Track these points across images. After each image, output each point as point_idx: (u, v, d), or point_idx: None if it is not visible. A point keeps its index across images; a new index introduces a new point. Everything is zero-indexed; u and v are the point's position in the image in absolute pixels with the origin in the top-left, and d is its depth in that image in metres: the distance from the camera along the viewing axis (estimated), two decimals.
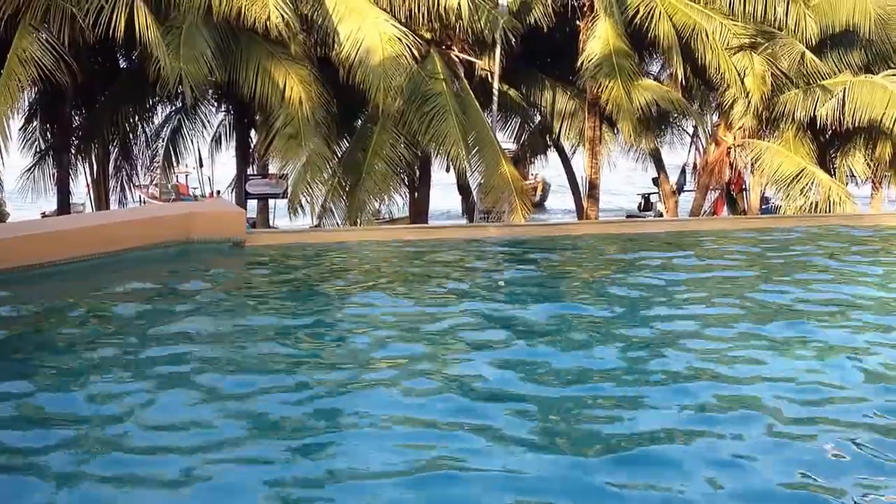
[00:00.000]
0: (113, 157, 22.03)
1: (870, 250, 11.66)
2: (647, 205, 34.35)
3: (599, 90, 20.49)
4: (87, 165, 21.70)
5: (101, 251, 9.00)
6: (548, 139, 24.45)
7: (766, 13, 20.65)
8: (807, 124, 21.91)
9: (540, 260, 10.79)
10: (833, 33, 21.95)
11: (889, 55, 22.71)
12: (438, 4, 18.24)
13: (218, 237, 10.07)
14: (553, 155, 25.86)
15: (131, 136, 21.99)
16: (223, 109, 22.71)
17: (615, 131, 22.71)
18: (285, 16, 16.83)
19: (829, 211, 20.05)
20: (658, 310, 7.89)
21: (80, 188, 23.40)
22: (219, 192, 33.09)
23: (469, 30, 19.30)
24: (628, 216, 31.05)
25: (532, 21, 20.27)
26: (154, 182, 35.33)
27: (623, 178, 34.24)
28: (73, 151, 20.50)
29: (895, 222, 14.73)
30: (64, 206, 20.13)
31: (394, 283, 9.13)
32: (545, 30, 20.40)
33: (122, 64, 20.70)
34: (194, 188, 37.94)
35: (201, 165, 30.07)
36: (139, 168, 23.19)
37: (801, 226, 13.66)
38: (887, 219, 16.50)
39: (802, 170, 21.13)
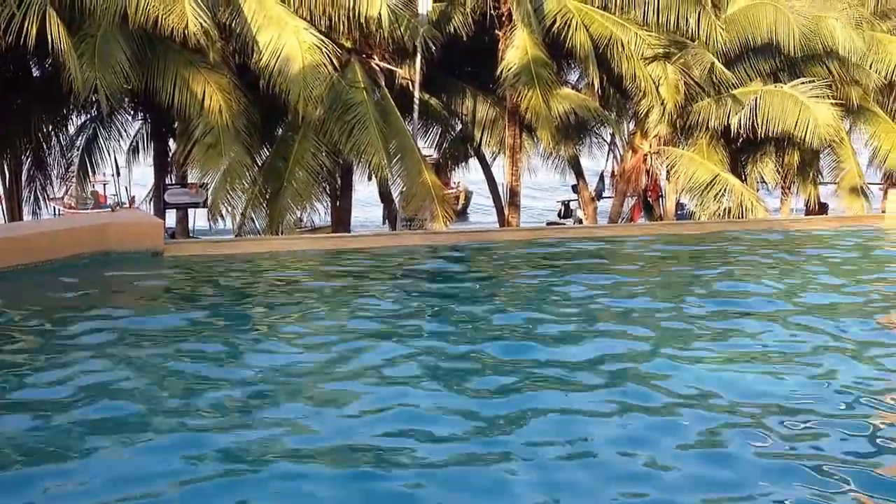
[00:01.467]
0: (26, 167, 21.43)
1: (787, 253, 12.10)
2: (566, 212, 34.83)
3: (519, 99, 20.77)
4: None
5: (15, 263, 8.81)
6: (469, 147, 24.65)
7: (678, 24, 21.22)
8: (720, 132, 22.57)
9: (461, 267, 10.92)
10: (746, 43, 22.55)
11: (798, 65, 23.54)
12: (358, 13, 18.25)
13: (135, 248, 9.96)
14: (475, 163, 26.09)
15: (45, 145, 21.41)
16: (140, 118, 22.29)
17: (535, 139, 23.04)
18: (203, 24, 16.64)
19: (742, 216, 20.69)
20: (578, 313, 8.07)
21: None
22: (133, 200, 32.42)
23: (389, 39, 19.37)
24: (549, 223, 31.49)
25: (452, 30, 20.46)
26: (69, 192, 34.46)
27: (544, 186, 34.68)
28: None
29: (804, 227, 15.29)
30: None
31: (313, 291, 9.14)
32: (465, 39, 20.60)
33: (35, 72, 20.16)
34: (112, 196, 37.13)
35: (118, 175, 29.47)
36: (54, 178, 22.60)
37: (715, 230, 14.10)
38: (799, 224, 17.14)
39: (716, 176, 21.74)
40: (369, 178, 21.54)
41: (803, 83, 21.67)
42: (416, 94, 19.86)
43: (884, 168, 25.32)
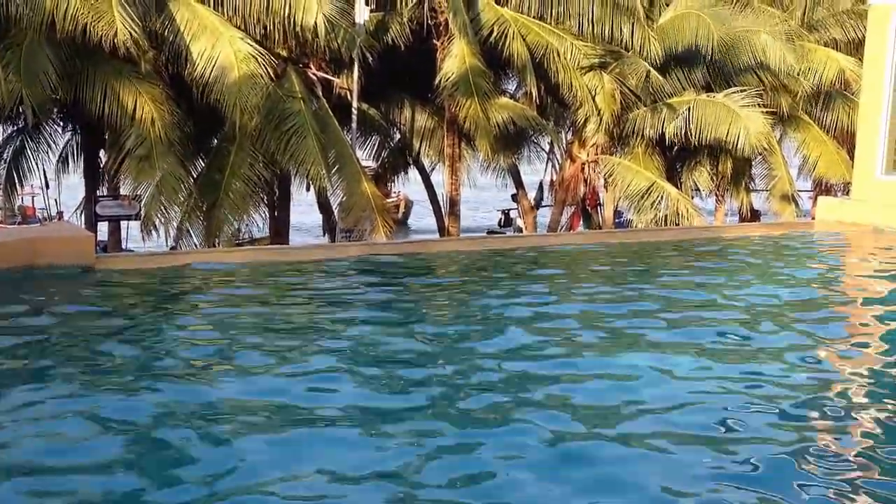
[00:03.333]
0: None
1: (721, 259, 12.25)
2: (507, 220, 35.01)
3: (457, 108, 20.80)
4: None
5: None
6: (408, 157, 24.60)
7: (612, 35, 21.47)
8: (655, 141, 22.88)
9: (400, 278, 10.81)
10: (677, 53, 23.00)
11: (730, 75, 24.01)
12: (294, 23, 18.09)
13: (65, 262, 9.61)
14: (414, 172, 26.03)
15: None
16: (70, 129, 21.73)
17: (474, 149, 23.07)
18: (133, 33, 16.31)
19: (678, 223, 20.98)
20: (518, 325, 8.02)
21: None
22: (61, 213, 31.59)
23: (326, 48, 19.25)
24: (489, 232, 31.57)
25: (389, 40, 20.41)
26: None
27: (483, 195, 34.81)
28: None
29: (737, 233, 15.52)
30: None
31: (250, 305, 8.94)
32: (403, 48, 20.56)
33: None
34: (41, 209, 36.12)
35: (47, 187, 28.66)
36: None
37: (651, 238, 14.23)
38: (732, 230, 17.43)
39: (652, 184, 22.03)
40: (308, 189, 21.33)
41: (735, 92, 22.09)
42: (355, 103, 19.76)
43: (813, 175, 25.93)
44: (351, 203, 19.30)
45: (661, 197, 21.84)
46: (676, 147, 23.52)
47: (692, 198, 23.82)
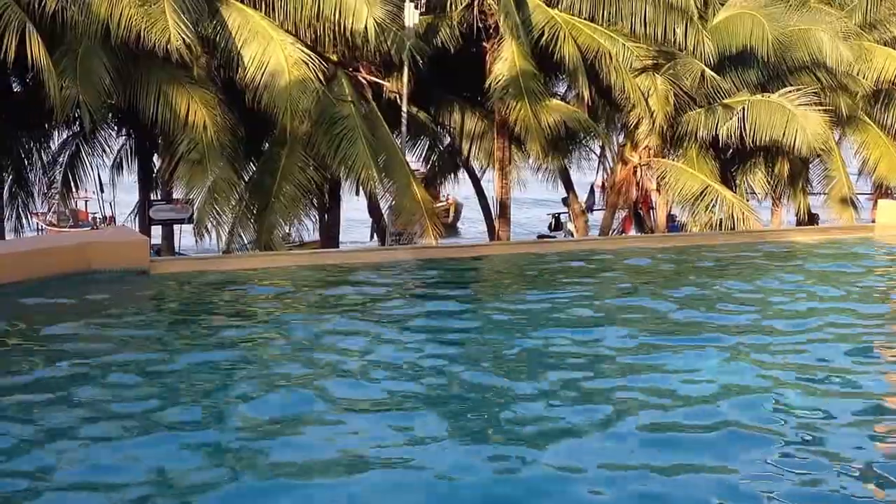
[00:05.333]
0: (7, 184, 21.10)
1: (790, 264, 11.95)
2: (557, 224, 34.73)
3: (507, 111, 20.61)
4: None
5: None
6: (458, 160, 24.48)
7: (666, 35, 21.12)
8: (709, 142, 22.47)
9: (452, 282, 10.70)
10: (731, 53, 22.58)
11: (785, 74, 23.53)
12: (344, 27, 18.07)
13: (120, 266, 9.66)
14: (464, 176, 25.91)
15: (27, 161, 21.11)
16: (124, 134, 22.02)
17: (524, 151, 22.87)
18: (186, 38, 16.43)
19: (734, 227, 20.56)
20: (572, 329, 7.87)
21: None
22: (113, 217, 32.01)
23: (376, 52, 19.20)
24: (539, 236, 31.33)
25: (439, 43, 20.30)
26: (52, 209, 34.05)
27: (534, 199, 34.63)
28: None
29: (802, 237, 15.12)
30: None
31: (302, 309, 8.90)
32: (453, 51, 20.45)
33: (16, 87, 19.88)
34: (94, 213, 36.77)
35: (102, 191, 29.11)
36: (36, 195, 22.27)
37: (705, 242, 13.94)
38: (795, 234, 17.00)
39: (707, 187, 21.63)
40: (357, 193, 21.34)
41: (791, 92, 21.61)
42: (404, 107, 19.69)
43: (873, 178, 25.28)
44: (401, 206, 19.25)
45: (716, 200, 21.45)
46: (731, 149, 23.09)
47: (747, 201, 23.33)
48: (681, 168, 22.17)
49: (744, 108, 21.49)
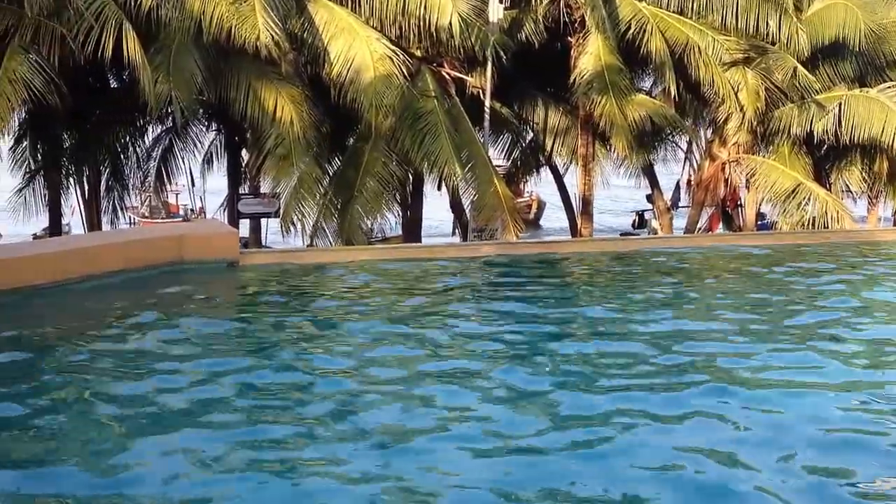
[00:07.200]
0: (104, 177, 21.85)
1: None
2: (641, 222, 34.21)
3: (592, 106, 20.35)
4: (78, 186, 21.54)
5: (93, 273, 8.83)
6: (540, 156, 24.32)
7: (758, 28, 20.57)
8: (802, 139, 21.83)
9: (534, 277, 10.65)
10: (823, 45, 21.92)
11: (883, 67, 22.67)
12: (429, 22, 18.14)
13: (211, 258, 9.90)
14: (547, 172, 25.73)
15: (122, 156, 21.81)
16: (214, 129, 22.57)
17: (608, 148, 22.58)
18: (275, 35, 16.73)
19: (827, 226, 19.93)
20: (656, 326, 7.74)
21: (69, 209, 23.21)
22: (203, 210, 32.81)
23: (460, 47, 19.19)
24: (622, 234, 30.92)
25: (523, 37, 20.18)
26: (145, 202, 35.18)
27: (617, 196, 34.20)
28: (63, 172, 20.35)
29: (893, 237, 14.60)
30: (55, 226, 19.96)
31: (387, 302, 8.98)
32: (537, 46, 20.31)
33: (113, 84, 20.56)
34: (185, 206, 37.83)
35: (193, 185, 29.91)
36: (130, 188, 23.01)
37: (798, 242, 13.56)
38: (887, 234, 16.41)
39: (799, 185, 21.01)
40: (439, 188, 21.40)
41: (891, 87, 20.82)
42: (487, 102, 19.64)
43: None
44: (483, 202, 19.22)
45: (809, 198, 20.81)
46: (825, 146, 22.38)
47: (842, 199, 22.58)
48: (772, 165, 21.58)
49: (839, 104, 20.82)
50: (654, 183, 25.24)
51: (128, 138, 21.58)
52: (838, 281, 10.24)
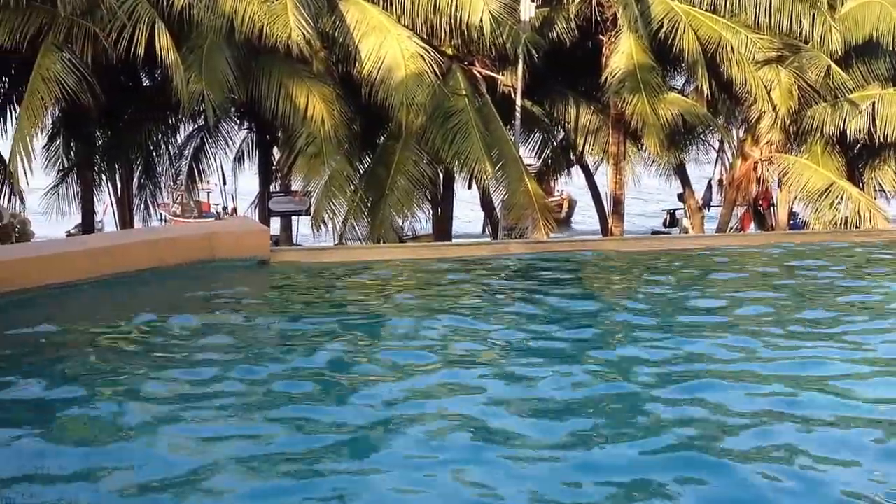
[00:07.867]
0: (137, 175, 22.07)
1: None
2: (672, 221, 33.97)
3: (624, 105, 20.24)
4: (110, 184, 21.77)
5: (125, 270, 8.88)
6: (571, 155, 24.23)
7: (791, 26, 20.37)
8: (835, 138, 21.58)
9: (565, 276, 10.60)
10: (857, 44, 21.66)
11: None
12: (460, 21, 18.13)
13: (242, 256, 9.92)
14: (578, 170, 25.64)
15: (155, 154, 22.01)
16: (246, 127, 22.71)
17: (639, 147, 22.45)
18: (306, 34, 16.79)
19: (860, 226, 19.70)
20: (688, 321, 7.67)
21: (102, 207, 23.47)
22: (235, 209, 33.00)
23: (491, 46, 19.17)
24: (653, 232, 30.73)
25: (555, 36, 20.14)
26: (176, 200, 35.48)
27: (648, 195, 33.98)
28: (96, 170, 20.56)
29: None
30: (89, 224, 20.18)
31: (417, 300, 8.96)
32: (568, 45, 20.24)
33: (146, 82, 20.75)
34: (216, 204, 38.09)
35: (225, 183, 30.15)
36: (163, 186, 23.22)
37: (833, 241, 13.39)
38: None
39: (832, 184, 20.80)
40: (469, 186, 21.38)
41: None
42: (518, 101, 19.59)
43: None
44: (513, 201, 19.19)
45: (841, 197, 20.58)
46: (858, 145, 22.11)
47: (874, 199, 22.30)
48: (804, 164, 21.38)
49: (873, 103, 20.56)
50: (685, 181, 25.06)
51: (160, 136, 21.78)
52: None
